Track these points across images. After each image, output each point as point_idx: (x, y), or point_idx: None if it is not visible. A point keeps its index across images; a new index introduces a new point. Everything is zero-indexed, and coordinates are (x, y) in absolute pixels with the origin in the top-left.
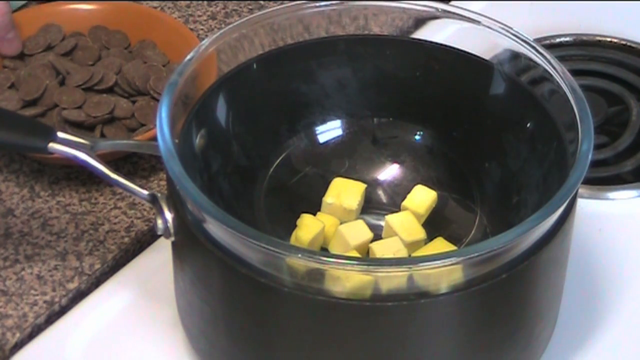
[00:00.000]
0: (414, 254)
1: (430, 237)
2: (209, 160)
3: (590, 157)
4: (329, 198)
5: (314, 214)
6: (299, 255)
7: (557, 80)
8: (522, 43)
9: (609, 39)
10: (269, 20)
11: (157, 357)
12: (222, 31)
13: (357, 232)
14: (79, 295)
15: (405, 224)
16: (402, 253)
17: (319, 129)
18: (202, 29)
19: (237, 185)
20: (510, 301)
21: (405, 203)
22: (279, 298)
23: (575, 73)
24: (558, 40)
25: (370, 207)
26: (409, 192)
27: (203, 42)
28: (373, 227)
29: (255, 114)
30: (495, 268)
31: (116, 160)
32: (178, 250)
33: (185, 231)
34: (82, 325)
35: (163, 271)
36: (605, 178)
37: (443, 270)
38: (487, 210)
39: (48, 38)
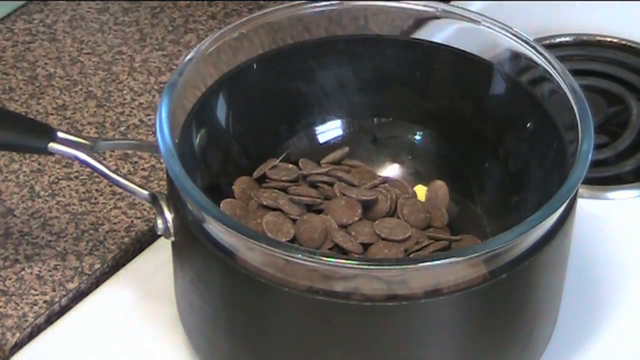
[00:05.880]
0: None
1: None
2: (209, 160)
3: (590, 157)
4: None
5: None
6: (299, 255)
7: (557, 80)
8: (522, 43)
9: (609, 39)
10: (269, 20)
11: (157, 357)
12: (222, 31)
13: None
14: (79, 295)
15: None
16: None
17: (319, 129)
18: (202, 29)
19: None
20: (510, 301)
21: None
22: (279, 298)
23: (575, 73)
24: (558, 40)
25: None
26: None
27: (203, 42)
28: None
29: (255, 114)
30: (495, 268)
31: (116, 160)
32: (178, 250)
33: (185, 231)
34: (82, 325)
35: (163, 271)
36: (605, 178)
37: (443, 270)
38: (487, 210)
39: None
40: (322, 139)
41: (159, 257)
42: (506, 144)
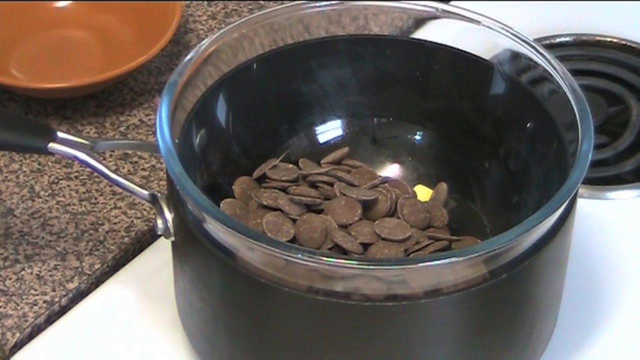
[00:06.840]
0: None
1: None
2: (209, 160)
3: (590, 157)
4: None
5: None
6: (299, 255)
7: (557, 80)
8: (522, 43)
9: (609, 39)
10: (269, 20)
11: (157, 357)
12: (222, 31)
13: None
14: (79, 295)
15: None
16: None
17: (319, 129)
18: (202, 29)
19: None
20: (510, 301)
21: None
22: (279, 298)
23: (575, 73)
24: (558, 40)
25: None
26: None
27: (203, 42)
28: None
29: (255, 114)
30: (495, 268)
31: (116, 160)
32: (178, 250)
33: (185, 231)
34: (82, 325)
35: (163, 271)
36: (605, 178)
37: (443, 270)
38: (487, 210)
39: None
40: (322, 139)
41: (159, 257)
42: (506, 144)
